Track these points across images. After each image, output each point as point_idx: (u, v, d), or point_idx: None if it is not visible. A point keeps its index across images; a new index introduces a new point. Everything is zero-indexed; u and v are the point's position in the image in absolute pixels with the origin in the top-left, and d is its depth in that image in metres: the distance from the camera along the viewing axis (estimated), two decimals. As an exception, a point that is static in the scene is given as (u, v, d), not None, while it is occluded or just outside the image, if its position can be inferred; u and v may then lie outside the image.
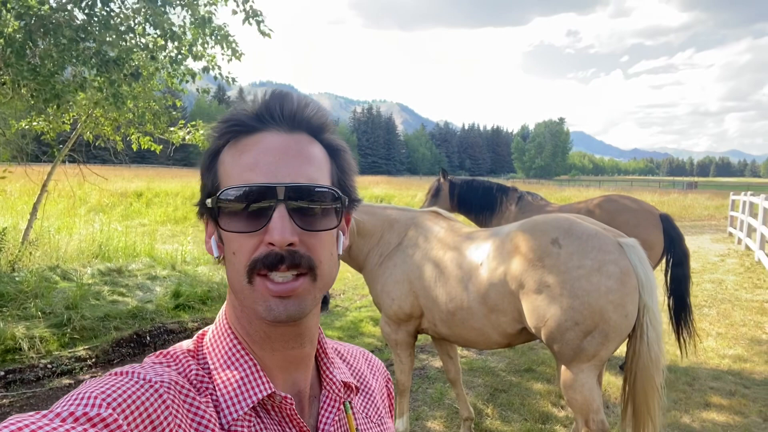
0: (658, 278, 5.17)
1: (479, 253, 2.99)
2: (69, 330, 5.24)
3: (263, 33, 6.44)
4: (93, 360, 4.95)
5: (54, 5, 5.53)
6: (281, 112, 0.70)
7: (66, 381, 4.54)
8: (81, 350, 5.02)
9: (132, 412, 0.57)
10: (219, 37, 6.50)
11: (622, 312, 2.58)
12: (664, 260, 5.11)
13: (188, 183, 23.76)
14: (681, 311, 4.81)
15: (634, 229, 5.05)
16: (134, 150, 8.48)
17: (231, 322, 0.74)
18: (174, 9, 5.92)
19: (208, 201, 0.70)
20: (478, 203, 5.93)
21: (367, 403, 0.86)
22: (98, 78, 5.89)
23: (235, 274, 0.68)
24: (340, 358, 0.87)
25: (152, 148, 8.40)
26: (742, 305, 7.68)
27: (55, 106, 5.63)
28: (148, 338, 5.55)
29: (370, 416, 0.85)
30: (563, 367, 2.72)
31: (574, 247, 2.66)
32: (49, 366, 4.68)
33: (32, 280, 6.10)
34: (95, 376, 4.32)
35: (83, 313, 5.60)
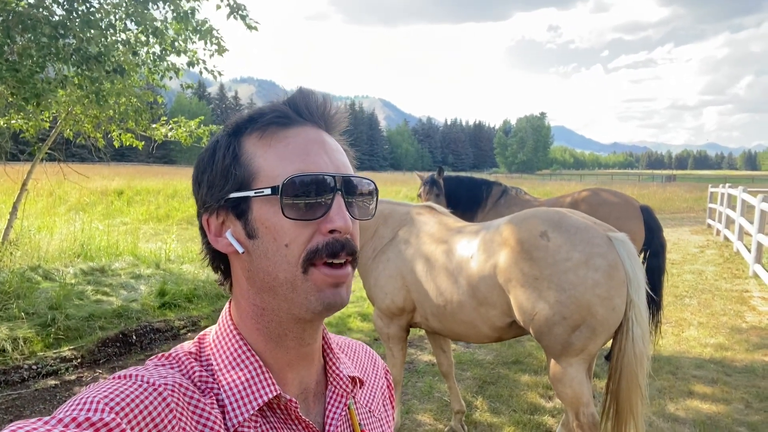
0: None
1: (469, 247, 2.99)
2: (53, 330, 5.15)
3: (249, 26, 6.38)
4: (78, 360, 4.89)
5: (32, 1, 5.43)
6: (316, 108, 0.73)
7: (51, 382, 4.48)
8: (66, 350, 4.95)
9: (135, 416, 0.57)
10: (203, 32, 6.43)
11: (609, 306, 2.56)
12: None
13: (169, 181, 23.53)
14: (650, 302, 4.86)
15: (616, 221, 5.14)
16: (116, 147, 8.37)
17: (237, 321, 0.74)
18: (156, 4, 5.84)
19: (268, 190, 0.67)
20: (465, 198, 5.96)
21: (369, 396, 0.86)
22: (79, 75, 5.79)
23: (285, 266, 0.67)
24: (342, 352, 0.87)
25: (134, 145, 8.30)
26: (722, 295, 7.84)
27: (35, 105, 5.53)
28: (134, 337, 5.50)
29: (372, 410, 0.85)
30: (552, 362, 2.72)
31: (562, 240, 2.64)
32: (34, 367, 4.61)
33: (14, 280, 6.00)
34: (81, 377, 4.27)
35: (67, 313, 5.52)
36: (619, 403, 2.68)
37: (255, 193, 0.68)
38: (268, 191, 0.67)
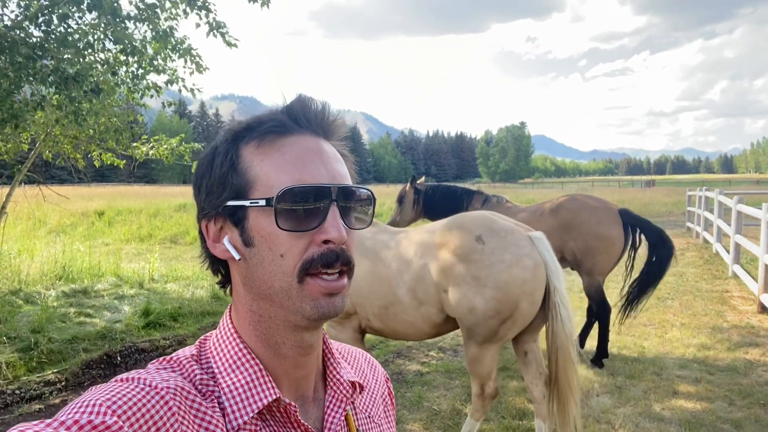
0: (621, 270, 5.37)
1: (408, 251, 3.25)
2: (36, 354, 5.07)
3: (229, 44, 6.41)
4: (63, 383, 4.81)
5: (8, 23, 5.41)
6: (314, 116, 0.73)
7: (36, 406, 4.41)
8: (50, 374, 4.88)
9: (138, 419, 0.57)
10: (182, 51, 6.45)
11: (531, 300, 3.01)
12: (629, 252, 5.32)
13: (152, 200, 23.31)
14: (641, 295, 5.10)
15: (595, 226, 5.23)
16: (96, 167, 8.31)
17: (237, 326, 0.74)
18: (134, 23, 5.85)
19: (263, 201, 0.67)
20: (444, 207, 6.01)
21: (369, 402, 0.86)
22: (57, 95, 5.77)
23: (281, 275, 0.68)
24: (342, 358, 0.86)
25: (115, 164, 8.25)
26: (703, 296, 7.97)
27: (13, 126, 5.49)
28: (119, 358, 5.43)
29: (371, 416, 0.84)
30: (474, 346, 3.12)
31: (495, 243, 3.04)
32: (17, 392, 4.52)
33: (-6, 305, 5.91)
34: (66, 400, 4.20)
35: (50, 336, 5.44)
36: (559, 381, 3.07)
37: (250, 203, 0.68)
38: (262, 202, 0.67)
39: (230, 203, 0.69)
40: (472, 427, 3.35)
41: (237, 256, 0.70)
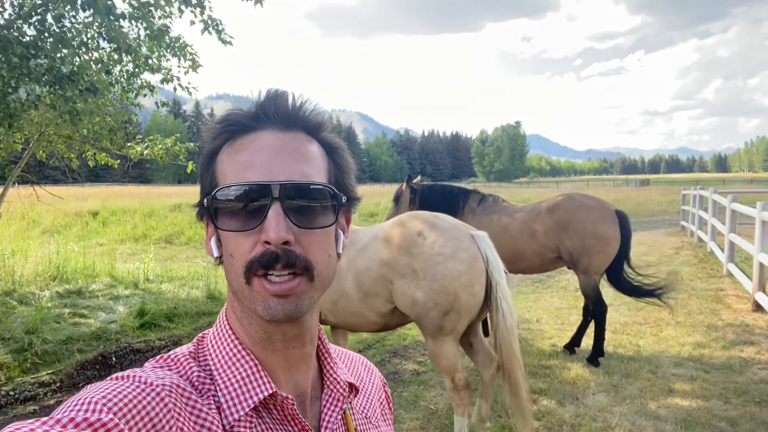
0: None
1: (356, 247, 3.42)
2: (30, 355, 5.05)
3: (224, 41, 6.39)
4: (57, 384, 4.79)
5: (2, 22, 5.37)
6: (276, 111, 0.70)
7: (31, 407, 4.38)
8: (44, 375, 4.85)
9: (133, 416, 0.57)
10: (176, 49, 6.42)
11: (470, 292, 3.13)
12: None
13: (146, 200, 23.23)
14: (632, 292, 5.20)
15: (592, 225, 5.23)
16: (91, 167, 8.27)
17: (231, 323, 0.74)
18: (128, 22, 5.82)
19: (205, 201, 0.69)
20: (441, 207, 6.00)
21: (366, 403, 0.86)
22: (52, 95, 5.73)
23: (234, 275, 0.67)
24: (339, 359, 0.86)
25: (110, 164, 8.21)
26: (698, 294, 7.99)
27: (7, 126, 5.45)
28: (114, 359, 5.40)
29: (368, 417, 0.84)
30: (431, 341, 3.26)
31: (434, 238, 3.20)
32: (11, 393, 4.50)
33: (-12, 305, 5.87)
34: (61, 401, 4.18)
35: (44, 337, 5.41)
36: (506, 373, 3.20)
37: (206, 202, 0.69)
38: (205, 201, 0.68)
39: (204, 201, 0.70)
40: (461, 424, 3.42)
41: (215, 254, 0.71)
